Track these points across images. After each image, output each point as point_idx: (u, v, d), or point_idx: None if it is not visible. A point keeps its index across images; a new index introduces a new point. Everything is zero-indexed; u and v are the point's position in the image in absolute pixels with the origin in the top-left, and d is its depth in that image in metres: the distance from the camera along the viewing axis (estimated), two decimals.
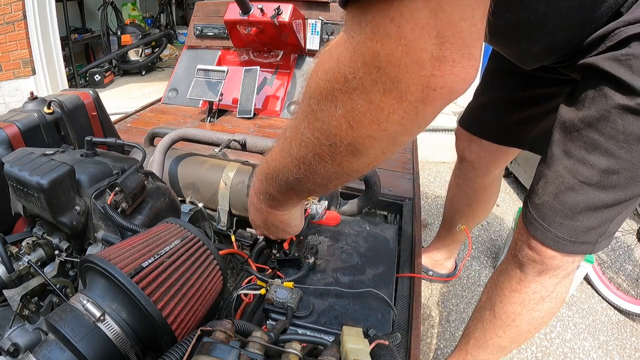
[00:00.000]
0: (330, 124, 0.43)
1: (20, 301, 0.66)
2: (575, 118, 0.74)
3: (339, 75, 0.40)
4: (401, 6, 0.33)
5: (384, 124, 0.40)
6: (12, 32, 3.42)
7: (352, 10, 0.37)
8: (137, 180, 0.78)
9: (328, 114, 0.43)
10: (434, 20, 0.33)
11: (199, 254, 0.64)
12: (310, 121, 0.45)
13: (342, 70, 0.39)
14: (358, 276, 0.74)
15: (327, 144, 0.45)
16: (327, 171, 0.48)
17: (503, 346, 1.07)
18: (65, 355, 0.48)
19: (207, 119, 1.85)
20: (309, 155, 0.48)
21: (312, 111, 0.44)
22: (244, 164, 1.16)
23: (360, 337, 0.53)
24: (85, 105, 1.12)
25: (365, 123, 0.41)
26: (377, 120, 0.40)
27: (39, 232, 0.83)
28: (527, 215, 0.85)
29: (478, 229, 2.26)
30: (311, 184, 0.53)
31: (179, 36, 6.56)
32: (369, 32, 0.36)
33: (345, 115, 0.41)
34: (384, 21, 0.34)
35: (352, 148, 0.44)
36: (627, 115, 0.66)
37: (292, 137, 0.50)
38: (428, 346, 1.55)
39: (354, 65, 0.38)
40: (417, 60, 0.35)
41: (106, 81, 4.62)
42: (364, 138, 0.42)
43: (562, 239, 0.80)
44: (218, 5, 2.07)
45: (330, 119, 0.43)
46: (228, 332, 0.46)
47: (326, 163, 0.47)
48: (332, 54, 0.41)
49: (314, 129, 0.45)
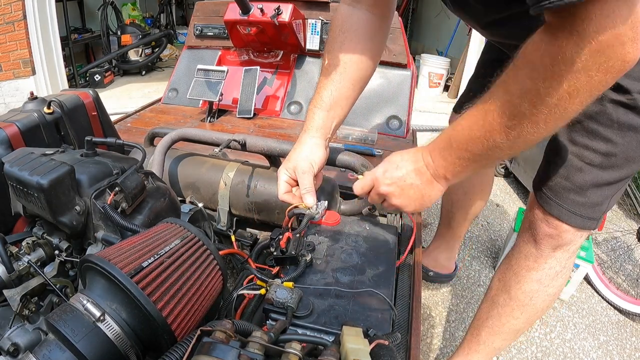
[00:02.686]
0: (552, 96, 0.55)
1: (20, 301, 0.66)
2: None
3: (567, 59, 0.52)
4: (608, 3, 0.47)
5: (594, 90, 0.54)
6: (12, 32, 3.42)
7: (565, 12, 0.50)
8: (137, 180, 0.78)
9: (552, 90, 0.54)
10: (629, 13, 0.47)
11: (199, 254, 0.64)
12: (533, 97, 0.56)
13: (568, 57, 0.51)
14: (358, 276, 0.74)
15: (544, 114, 0.56)
16: (538, 132, 0.59)
17: (517, 329, 1.12)
18: (65, 355, 0.48)
19: (207, 119, 1.85)
20: (524, 121, 0.58)
21: (536, 89, 0.55)
22: (244, 164, 1.17)
23: (360, 337, 0.53)
24: (85, 105, 1.12)
25: (584, 95, 0.54)
26: (590, 92, 0.54)
27: (39, 232, 0.83)
28: (542, 196, 0.94)
29: (478, 229, 2.26)
30: (507, 150, 0.64)
31: (179, 36, 6.56)
32: (594, 28, 0.49)
33: (568, 89, 0.53)
34: (601, 18, 0.48)
35: (563, 111, 0.56)
36: (619, 108, 0.80)
37: (502, 110, 0.60)
38: (428, 346, 1.55)
39: (580, 51, 0.50)
40: (621, 42, 0.49)
41: (106, 81, 4.62)
42: (577, 105, 0.55)
43: (575, 214, 0.91)
44: (218, 5, 2.07)
45: (554, 94, 0.54)
46: (228, 332, 0.46)
47: (539, 125, 0.58)
48: (555, 44, 0.52)
49: (536, 103, 0.56)
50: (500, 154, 0.65)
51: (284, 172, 0.88)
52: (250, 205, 1.11)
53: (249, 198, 1.10)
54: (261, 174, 1.12)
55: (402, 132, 1.83)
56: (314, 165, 0.86)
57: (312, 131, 0.89)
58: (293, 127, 1.82)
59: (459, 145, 0.68)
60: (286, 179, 0.88)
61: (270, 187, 1.09)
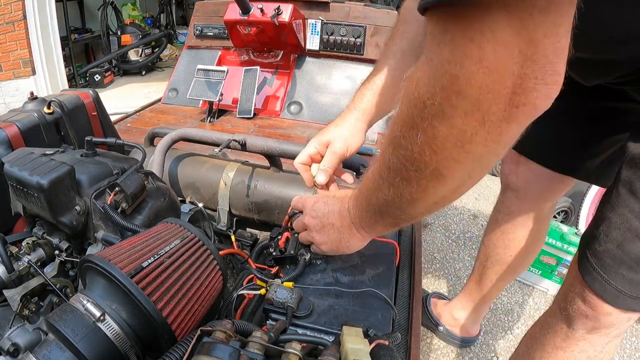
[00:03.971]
0: (413, 151, 0.43)
1: (20, 301, 0.66)
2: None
3: (418, 101, 0.39)
4: (482, 25, 0.32)
5: (467, 147, 0.39)
6: (12, 32, 3.42)
7: (432, 24, 0.36)
8: (137, 180, 0.78)
9: (411, 141, 0.42)
10: (517, 38, 0.32)
11: (199, 254, 0.64)
12: (395, 147, 0.46)
13: (420, 97, 0.39)
14: (358, 276, 0.74)
15: (412, 169, 0.45)
16: (413, 196, 0.48)
17: None
18: (65, 355, 0.48)
19: (207, 119, 1.85)
20: (396, 178, 0.48)
21: (395, 137, 0.45)
22: (244, 164, 1.17)
23: (360, 337, 0.53)
24: (85, 105, 1.12)
25: (448, 147, 0.40)
26: (460, 143, 0.39)
27: (39, 232, 0.83)
28: (585, 263, 0.76)
29: (478, 229, 2.25)
30: (397, 209, 0.53)
31: (179, 36, 6.56)
32: (448, 54, 0.35)
33: (427, 142, 0.41)
34: (464, 42, 0.33)
35: (437, 173, 0.43)
36: None
37: (381, 160, 0.51)
38: (428, 346, 1.55)
39: (432, 90, 0.37)
40: (499, 80, 0.34)
41: (106, 81, 4.62)
42: (449, 162, 0.41)
43: (623, 294, 0.71)
44: (218, 5, 2.07)
45: (414, 146, 0.42)
46: (228, 332, 0.46)
47: (412, 187, 0.47)
48: (412, 77, 0.41)
49: (399, 155, 0.45)
50: (403, 214, 0.54)
51: (314, 144, 0.81)
52: (250, 205, 1.11)
53: (249, 198, 1.10)
54: (261, 174, 1.12)
55: None
56: (348, 149, 0.80)
57: (358, 112, 0.80)
58: (293, 127, 1.82)
59: (365, 196, 0.60)
60: (312, 152, 0.81)
61: (271, 187, 1.09)
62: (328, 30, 1.93)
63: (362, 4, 1.96)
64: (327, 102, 1.91)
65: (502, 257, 1.26)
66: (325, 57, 1.99)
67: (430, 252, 2.05)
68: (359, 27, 1.89)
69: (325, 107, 1.90)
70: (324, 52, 1.96)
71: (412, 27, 0.76)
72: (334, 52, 1.95)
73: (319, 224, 0.71)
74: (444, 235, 2.17)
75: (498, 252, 1.26)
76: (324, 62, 1.98)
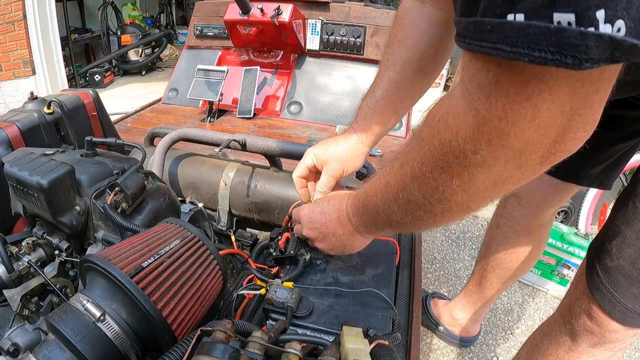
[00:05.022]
0: (445, 192, 0.43)
1: (20, 301, 0.66)
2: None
3: (458, 151, 0.39)
4: (540, 83, 0.31)
5: (500, 187, 0.41)
6: (12, 32, 3.42)
7: (476, 67, 0.34)
8: (137, 180, 0.78)
9: (443, 183, 0.42)
10: (572, 97, 0.31)
11: (199, 254, 0.64)
12: (421, 185, 0.45)
13: (461, 147, 0.38)
14: (358, 276, 0.74)
15: (439, 205, 0.45)
16: (436, 222, 0.49)
17: None
18: (65, 355, 0.48)
19: (207, 119, 1.85)
20: (418, 211, 0.49)
21: (424, 177, 0.44)
22: (244, 164, 1.17)
23: (360, 337, 0.53)
24: (85, 105, 1.12)
25: (482, 189, 0.41)
26: (494, 185, 0.40)
27: (39, 232, 0.83)
28: (594, 278, 0.73)
29: (478, 229, 2.26)
30: (413, 227, 0.54)
31: (179, 36, 6.56)
32: (500, 111, 0.33)
33: (462, 186, 0.41)
34: (519, 99, 0.32)
35: (466, 206, 0.45)
36: None
37: (398, 187, 0.50)
38: (428, 346, 1.55)
39: (477, 143, 0.36)
40: (545, 133, 0.34)
41: (106, 81, 4.62)
42: (479, 199, 0.43)
43: (632, 312, 0.70)
44: (218, 5, 2.07)
45: (446, 188, 0.43)
46: (228, 332, 0.46)
47: (436, 217, 0.48)
48: (450, 124, 0.39)
49: (425, 193, 0.45)
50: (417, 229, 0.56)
51: (312, 157, 0.79)
52: (250, 205, 1.11)
53: (249, 198, 1.10)
54: (261, 174, 1.12)
55: (402, 132, 1.83)
56: (345, 172, 0.79)
57: (361, 134, 0.78)
58: (293, 127, 1.82)
59: (372, 212, 0.60)
60: (309, 164, 0.80)
61: (271, 187, 1.09)
62: (328, 30, 1.93)
63: (362, 4, 1.96)
64: (327, 102, 1.91)
65: (502, 261, 1.25)
66: (325, 57, 1.99)
67: (430, 252, 2.05)
68: (359, 27, 1.89)
69: (325, 107, 1.91)
70: (324, 52, 1.96)
71: (411, 33, 0.74)
72: (334, 52, 1.95)
73: (320, 234, 0.71)
74: (444, 235, 2.17)
75: (499, 256, 1.25)
76: (324, 62, 1.98)
